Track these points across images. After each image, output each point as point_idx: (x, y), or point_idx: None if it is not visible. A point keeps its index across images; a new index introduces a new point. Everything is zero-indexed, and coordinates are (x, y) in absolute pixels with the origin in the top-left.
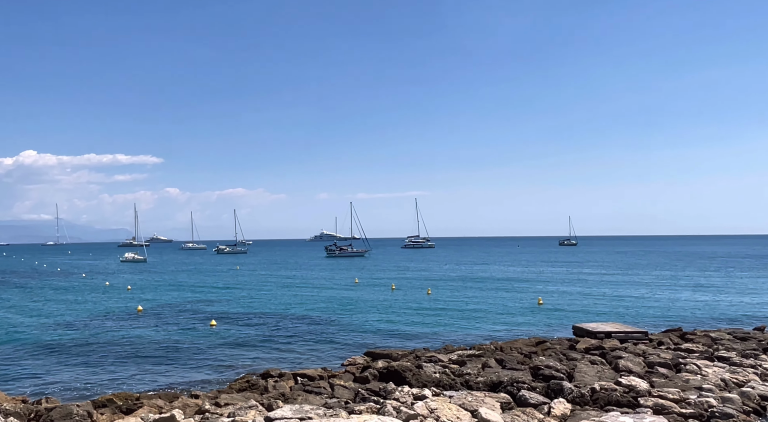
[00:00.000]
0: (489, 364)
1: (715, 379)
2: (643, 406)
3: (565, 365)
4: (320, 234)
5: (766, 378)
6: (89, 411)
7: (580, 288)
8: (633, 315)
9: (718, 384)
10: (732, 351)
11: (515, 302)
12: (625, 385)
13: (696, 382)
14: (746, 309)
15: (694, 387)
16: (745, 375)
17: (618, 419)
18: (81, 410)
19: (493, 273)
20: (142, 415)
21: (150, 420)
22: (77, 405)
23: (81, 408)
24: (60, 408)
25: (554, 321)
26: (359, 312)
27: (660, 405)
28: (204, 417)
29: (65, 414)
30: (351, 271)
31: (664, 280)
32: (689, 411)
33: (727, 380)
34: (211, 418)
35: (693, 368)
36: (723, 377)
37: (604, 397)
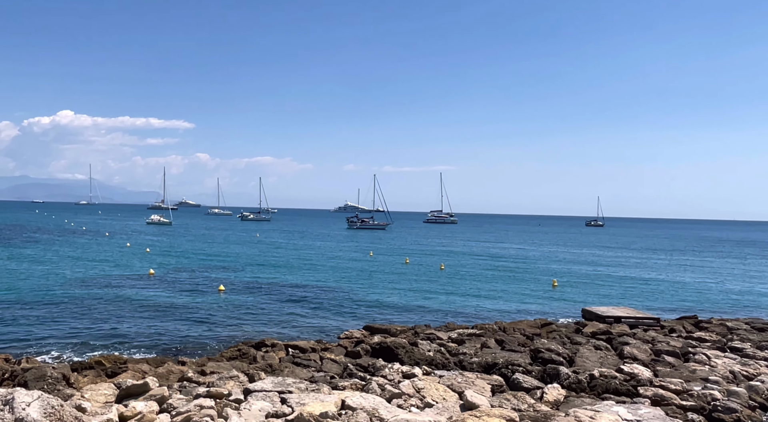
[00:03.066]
0: (488, 345)
1: (723, 371)
2: (642, 396)
3: (568, 349)
4: (344, 205)
5: None
6: (64, 374)
7: (599, 271)
8: (649, 300)
9: (726, 376)
10: (747, 342)
11: (529, 282)
12: (626, 373)
13: (703, 373)
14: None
15: (700, 379)
16: (757, 368)
17: (611, 408)
18: (56, 372)
19: (511, 252)
20: (120, 380)
21: (124, 386)
22: (53, 367)
23: (56, 371)
24: (35, 369)
25: (567, 303)
26: (368, 286)
27: (660, 395)
28: (182, 385)
29: (39, 375)
30: (369, 244)
31: (687, 266)
32: (690, 404)
33: (737, 372)
34: (188, 387)
35: (702, 358)
36: (732, 369)
37: (603, 384)
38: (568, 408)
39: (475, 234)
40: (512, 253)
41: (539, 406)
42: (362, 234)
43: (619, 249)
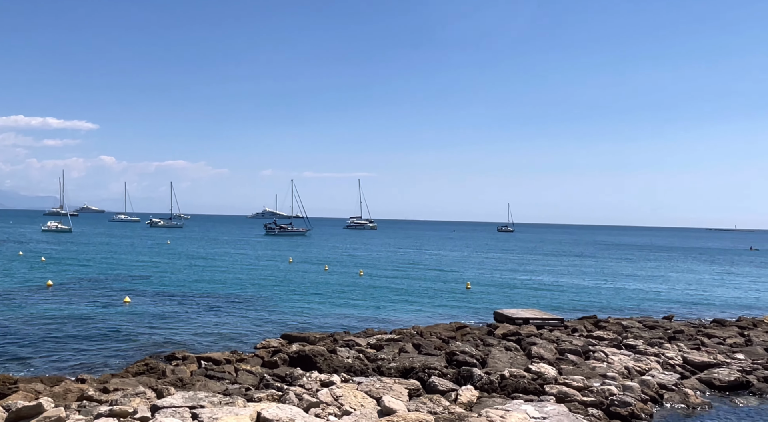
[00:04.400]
0: (406, 349)
1: (619, 367)
2: (548, 394)
3: (481, 351)
4: (262, 211)
5: (667, 367)
6: None
7: (509, 274)
8: (554, 301)
9: (621, 372)
10: (639, 340)
11: (444, 286)
12: (534, 372)
13: (602, 370)
14: (659, 298)
15: (599, 375)
16: (648, 363)
17: (520, 407)
18: None
19: (428, 257)
20: (9, 402)
21: (14, 409)
22: None
23: None
24: None
25: (480, 306)
26: (286, 293)
27: (563, 392)
28: (81, 405)
29: None
30: (287, 250)
31: (586, 268)
32: (590, 399)
33: (631, 368)
34: (89, 406)
35: (601, 355)
36: (627, 365)
37: (512, 384)
38: (481, 409)
39: (393, 240)
40: (429, 258)
41: (454, 408)
42: (280, 241)
43: (527, 253)
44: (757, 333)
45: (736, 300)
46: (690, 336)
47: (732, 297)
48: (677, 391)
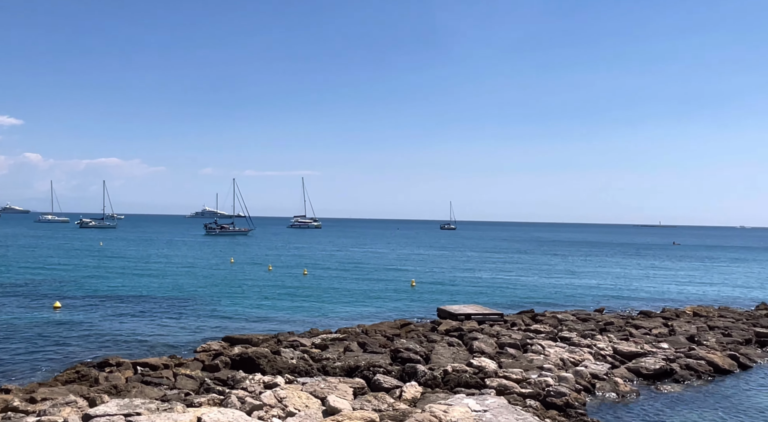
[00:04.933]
0: (351, 348)
1: (555, 359)
2: (489, 387)
3: (425, 347)
4: (202, 210)
5: (599, 358)
6: None
7: (452, 271)
8: (494, 297)
9: (557, 363)
10: (573, 332)
11: (389, 284)
12: (475, 366)
13: (539, 362)
14: (591, 291)
15: (537, 367)
16: (582, 354)
17: (462, 401)
18: None
19: (373, 256)
20: None
21: None
22: None
23: None
24: None
25: (424, 303)
26: (228, 294)
27: (503, 385)
28: (6, 416)
29: None
30: (229, 251)
31: (526, 264)
32: (528, 391)
33: (566, 359)
34: (14, 418)
35: (538, 348)
36: (562, 357)
37: (455, 379)
38: (425, 404)
39: (338, 239)
40: (373, 257)
41: (398, 405)
42: (222, 241)
43: (469, 250)
44: (680, 323)
45: (660, 293)
46: (619, 328)
47: (657, 290)
48: (608, 380)
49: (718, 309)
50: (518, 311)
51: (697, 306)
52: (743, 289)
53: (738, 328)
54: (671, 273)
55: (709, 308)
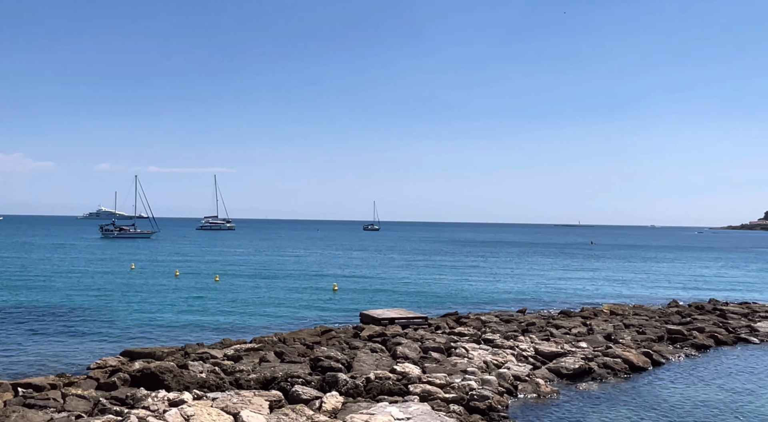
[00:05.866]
0: (267, 358)
1: (479, 362)
2: (412, 393)
3: (346, 354)
4: (97, 211)
5: (521, 359)
6: None
7: (375, 274)
8: (418, 300)
9: (481, 366)
10: (497, 334)
11: (309, 289)
12: (399, 372)
13: (463, 365)
14: (514, 292)
15: (461, 371)
16: (504, 356)
17: (385, 409)
18: None
19: (291, 259)
20: None
21: None
22: None
23: None
24: None
25: (347, 308)
26: (128, 304)
27: (427, 391)
28: None
29: None
30: (129, 255)
31: (450, 266)
32: (452, 396)
33: (489, 362)
34: None
35: (462, 351)
36: (486, 359)
37: (378, 387)
38: (346, 415)
39: (253, 242)
40: (292, 260)
41: (318, 417)
42: (121, 245)
43: (392, 252)
44: (597, 321)
45: (579, 292)
46: (541, 328)
47: (576, 289)
48: (530, 381)
49: (633, 307)
50: (442, 314)
51: (614, 304)
52: (655, 287)
53: (651, 326)
54: (589, 272)
55: (624, 306)
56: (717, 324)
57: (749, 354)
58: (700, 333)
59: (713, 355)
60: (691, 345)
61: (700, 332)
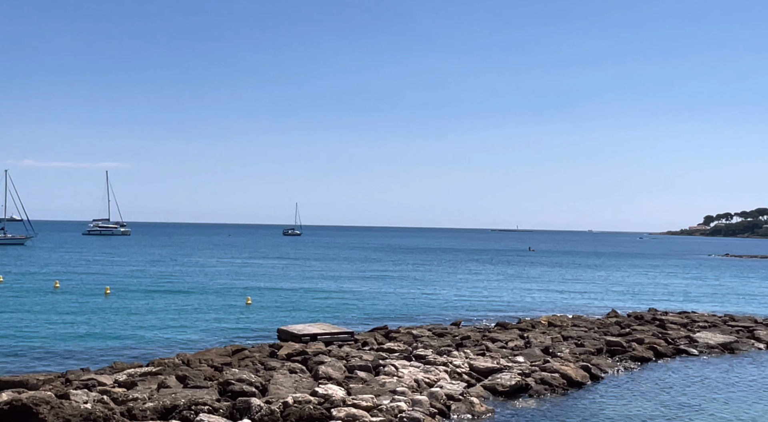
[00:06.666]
0: (167, 384)
1: (409, 380)
2: (335, 418)
3: (261, 376)
4: None
5: (455, 376)
6: None
7: (296, 285)
8: (344, 313)
9: (411, 385)
10: (429, 349)
11: (219, 303)
12: (320, 395)
13: (392, 385)
14: (448, 303)
15: (389, 391)
16: (437, 373)
17: None
18: None
19: (197, 268)
20: None
21: None
22: None
23: None
24: None
25: (262, 323)
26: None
27: (352, 415)
28: None
29: None
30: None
31: (379, 275)
32: (379, 419)
33: (420, 380)
34: None
35: (391, 369)
36: (417, 377)
37: (296, 412)
38: None
39: (152, 249)
40: (198, 270)
41: None
42: None
43: (315, 259)
44: (535, 334)
45: (516, 302)
46: (476, 342)
47: (513, 299)
48: (464, 401)
49: (572, 318)
50: (371, 328)
51: (552, 315)
52: (595, 296)
53: (590, 338)
54: (527, 280)
55: (563, 317)
56: (656, 335)
57: (688, 367)
58: (639, 344)
59: (652, 368)
60: (630, 358)
61: (640, 343)
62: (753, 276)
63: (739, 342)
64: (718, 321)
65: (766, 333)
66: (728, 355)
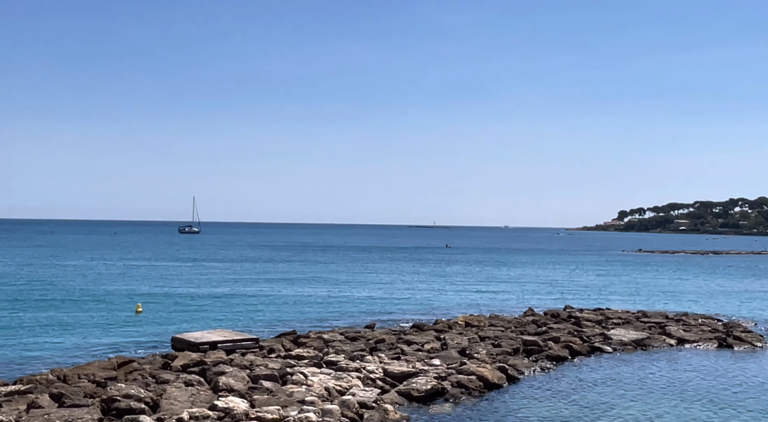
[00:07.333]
0: (39, 404)
1: (319, 389)
2: None
3: (152, 391)
4: None
5: (368, 382)
6: None
7: (194, 288)
8: (249, 318)
9: (321, 394)
10: (341, 354)
11: (103, 310)
12: (221, 409)
13: (300, 394)
14: (362, 304)
15: (297, 401)
16: (349, 380)
17: None
18: None
19: (75, 271)
20: None
21: None
22: None
23: None
24: None
25: (154, 332)
26: None
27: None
28: None
29: None
30: None
31: (286, 275)
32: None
33: (331, 388)
34: None
35: (299, 378)
36: (327, 385)
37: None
38: None
39: (20, 249)
40: (77, 273)
41: None
42: None
43: (214, 260)
44: (452, 335)
45: (433, 302)
46: (391, 345)
47: (430, 299)
48: (377, 408)
49: (489, 317)
50: (277, 334)
51: (470, 315)
52: (512, 294)
53: (507, 337)
54: (444, 279)
55: (480, 317)
56: (572, 334)
57: (603, 365)
58: (555, 343)
59: (568, 367)
60: (546, 357)
61: (556, 342)
62: (664, 272)
63: (651, 338)
64: (632, 318)
65: (677, 328)
66: (641, 352)
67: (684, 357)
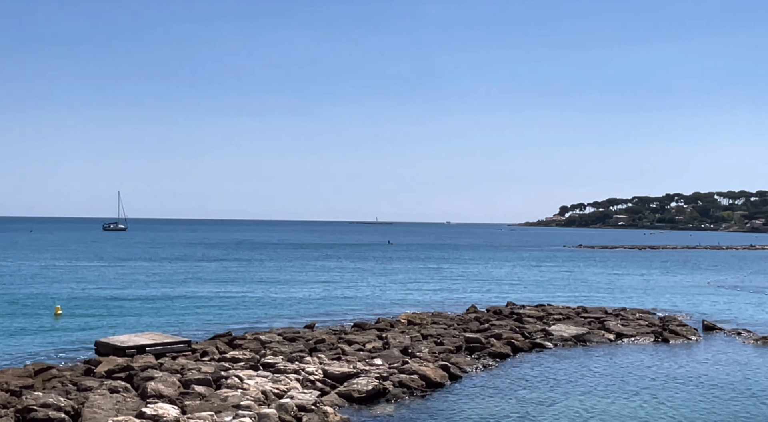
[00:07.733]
0: None
1: (256, 393)
2: None
3: (73, 399)
4: None
5: (307, 384)
6: None
7: (119, 289)
8: (180, 319)
9: (258, 398)
10: (279, 356)
11: (18, 314)
12: (149, 416)
13: (235, 399)
14: (301, 303)
15: (232, 406)
16: (287, 383)
17: None
18: None
19: None
20: None
21: None
22: None
23: None
24: None
25: (76, 337)
26: None
27: None
28: None
29: None
30: None
31: (221, 274)
32: None
33: (268, 392)
34: None
35: (234, 381)
36: (264, 388)
37: None
38: None
39: None
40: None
41: None
42: None
43: (142, 259)
44: (394, 334)
45: (375, 300)
46: (331, 345)
47: (371, 297)
48: (317, 411)
49: (432, 314)
50: (211, 336)
51: (412, 313)
52: (454, 290)
53: (450, 335)
54: (386, 276)
55: (423, 314)
56: (514, 330)
57: (544, 361)
58: (497, 340)
59: (511, 364)
60: (489, 355)
61: (498, 339)
62: (603, 267)
63: (591, 333)
64: (572, 313)
65: (615, 323)
66: (581, 347)
67: (622, 351)
